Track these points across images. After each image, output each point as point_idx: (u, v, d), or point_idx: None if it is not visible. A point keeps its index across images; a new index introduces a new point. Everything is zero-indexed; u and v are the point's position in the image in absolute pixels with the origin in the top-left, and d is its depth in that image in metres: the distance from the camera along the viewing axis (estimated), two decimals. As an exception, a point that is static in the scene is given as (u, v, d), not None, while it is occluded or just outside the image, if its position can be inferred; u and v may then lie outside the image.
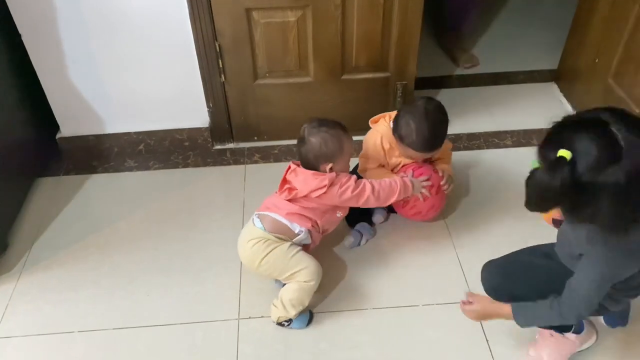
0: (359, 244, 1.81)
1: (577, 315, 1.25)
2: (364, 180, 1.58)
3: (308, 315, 1.58)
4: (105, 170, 2.15)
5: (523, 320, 1.30)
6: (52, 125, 2.13)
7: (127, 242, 1.84)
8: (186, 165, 2.17)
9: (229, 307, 1.63)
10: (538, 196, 1.05)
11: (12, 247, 1.83)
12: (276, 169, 1.52)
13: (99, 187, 2.08)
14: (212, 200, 2.00)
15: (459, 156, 2.09)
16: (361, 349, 1.52)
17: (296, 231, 1.55)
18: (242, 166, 2.15)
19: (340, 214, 1.63)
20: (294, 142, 2.18)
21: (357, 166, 1.80)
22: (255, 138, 2.23)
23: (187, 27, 1.88)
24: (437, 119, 1.61)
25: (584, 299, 1.19)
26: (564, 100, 2.38)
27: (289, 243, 1.55)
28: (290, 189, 1.56)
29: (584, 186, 0.99)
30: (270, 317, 1.58)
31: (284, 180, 1.59)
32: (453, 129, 2.23)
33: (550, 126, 1.07)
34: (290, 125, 2.19)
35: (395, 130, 1.65)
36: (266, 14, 1.88)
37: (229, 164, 2.17)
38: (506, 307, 1.30)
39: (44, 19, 1.82)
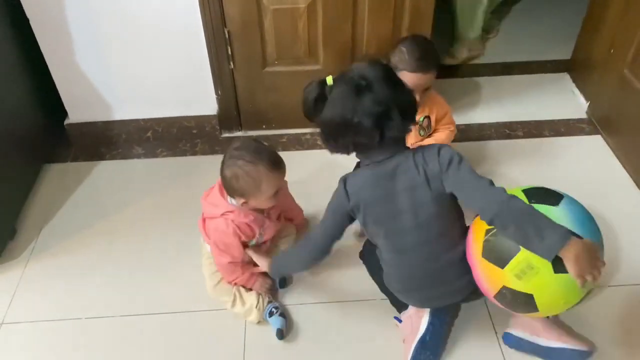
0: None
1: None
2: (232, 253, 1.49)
3: (280, 319, 1.52)
4: (113, 157, 2.14)
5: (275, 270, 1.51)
6: (61, 111, 2.13)
7: (135, 230, 1.83)
8: (194, 153, 2.16)
9: (237, 296, 1.62)
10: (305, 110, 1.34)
11: (20, 233, 1.83)
12: (284, 158, 1.49)
13: (107, 173, 2.07)
14: (220, 189, 1.99)
15: (468, 146, 2.08)
16: (371, 339, 1.51)
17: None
18: (250, 154, 2.13)
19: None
20: (303, 130, 2.21)
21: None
22: (264, 126, 2.22)
23: (196, 13, 1.86)
24: (425, 40, 1.75)
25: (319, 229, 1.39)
26: (576, 91, 2.34)
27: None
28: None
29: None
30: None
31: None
32: (464, 119, 2.22)
33: None
34: (299, 114, 2.14)
35: (392, 65, 1.64)
36: (276, 0, 1.86)
37: (237, 152, 2.15)
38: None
39: (53, 4, 1.81)
